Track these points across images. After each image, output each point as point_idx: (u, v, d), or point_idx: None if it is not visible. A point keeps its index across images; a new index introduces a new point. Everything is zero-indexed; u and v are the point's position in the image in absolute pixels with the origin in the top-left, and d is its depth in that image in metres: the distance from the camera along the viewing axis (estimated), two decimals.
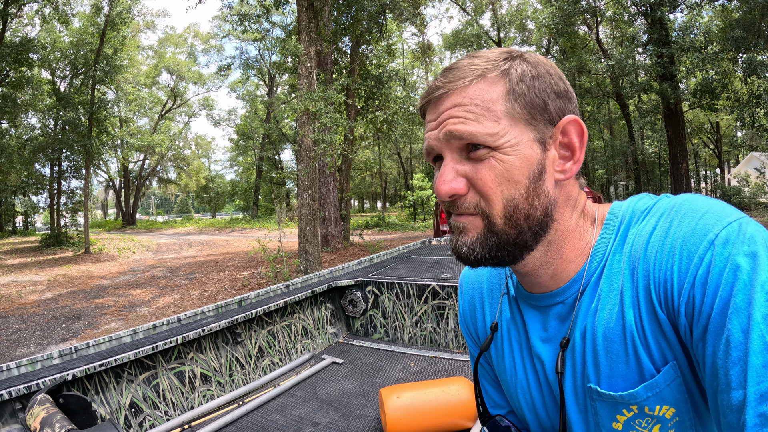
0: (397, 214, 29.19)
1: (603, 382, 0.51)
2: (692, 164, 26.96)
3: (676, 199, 0.51)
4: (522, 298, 0.62)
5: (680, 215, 0.48)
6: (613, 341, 0.50)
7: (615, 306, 0.50)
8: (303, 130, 8.76)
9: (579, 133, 0.51)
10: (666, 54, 13.14)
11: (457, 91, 0.50)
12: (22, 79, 15.81)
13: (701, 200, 0.48)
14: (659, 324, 0.47)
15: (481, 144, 0.49)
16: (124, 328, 4.99)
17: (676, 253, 0.45)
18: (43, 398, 1.46)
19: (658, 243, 0.48)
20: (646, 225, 0.51)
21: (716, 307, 0.41)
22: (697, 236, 0.45)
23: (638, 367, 0.49)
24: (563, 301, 0.55)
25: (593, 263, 0.54)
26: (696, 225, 0.45)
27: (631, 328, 0.48)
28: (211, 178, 44.20)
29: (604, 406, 0.51)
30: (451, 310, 2.88)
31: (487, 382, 0.75)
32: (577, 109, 0.54)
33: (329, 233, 12.92)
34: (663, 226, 0.48)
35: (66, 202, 18.56)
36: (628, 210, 0.55)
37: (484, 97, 0.49)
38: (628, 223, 0.53)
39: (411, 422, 1.82)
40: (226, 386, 2.36)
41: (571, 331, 0.54)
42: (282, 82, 29.43)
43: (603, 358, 0.51)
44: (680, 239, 0.46)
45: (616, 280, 0.51)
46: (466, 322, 0.75)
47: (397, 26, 15.86)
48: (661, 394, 0.48)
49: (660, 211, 0.50)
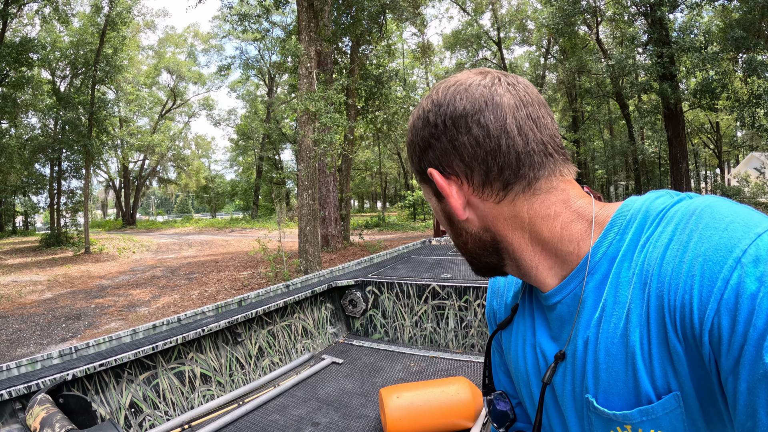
0: (397, 214, 29.20)
1: (600, 396, 0.50)
2: (692, 164, 26.96)
3: (696, 204, 0.45)
4: (534, 294, 0.63)
5: (701, 226, 0.42)
6: (615, 358, 0.47)
7: (620, 321, 0.47)
8: (303, 130, 8.76)
9: (438, 183, 0.55)
10: (666, 54, 13.14)
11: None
12: (22, 79, 15.81)
13: (725, 207, 0.43)
14: (669, 350, 0.43)
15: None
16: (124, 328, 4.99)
17: (696, 273, 0.40)
18: (43, 398, 1.46)
19: (675, 260, 0.42)
20: (662, 234, 0.45)
21: (750, 337, 0.36)
22: (721, 253, 0.39)
23: (636, 389, 0.46)
24: (561, 301, 0.54)
25: (591, 264, 0.51)
26: (719, 239, 0.40)
27: (633, 349, 0.45)
28: (211, 178, 44.20)
29: (598, 420, 0.50)
30: (451, 310, 2.88)
31: (499, 368, 0.75)
32: (444, 142, 0.53)
33: (329, 233, 12.92)
34: (680, 238, 0.43)
35: (66, 202, 18.58)
36: (641, 209, 0.50)
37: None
38: (640, 225, 0.48)
39: (411, 422, 1.82)
40: (226, 386, 2.36)
41: (570, 340, 0.53)
42: (282, 82, 29.44)
43: (603, 372, 0.49)
44: (701, 256, 0.40)
45: (624, 291, 0.47)
46: (493, 309, 0.76)
47: (397, 26, 15.86)
48: (657, 421, 0.46)
49: (677, 218, 0.45)
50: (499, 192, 0.52)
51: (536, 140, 0.51)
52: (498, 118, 0.50)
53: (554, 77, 26.75)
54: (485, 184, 0.52)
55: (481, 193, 0.52)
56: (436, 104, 0.53)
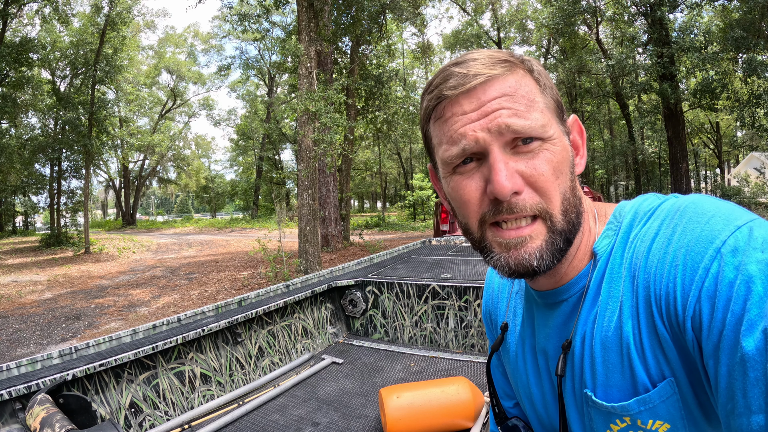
0: (397, 214, 29.21)
1: (598, 390, 0.50)
2: (692, 164, 26.96)
3: (681, 201, 0.48)
4: (530, 296, 0.62)
5: (684, 220, 0.44)
6: (611, 351, 0.48)
7: (614, 314, 0.48)
8: (303, 130, 8.77)
9: (579, 131, 0.54)
10: (666, 54, 13.14)
11: (498, 79, 0.46)
12: (22, 79, 15.81)
13: (708, 202, 0.45)
14: (658, 338, 0.45)
15: (534, 137, 0.46)
16: (124, 328, 4.99)
17: (679, 263, 0.42)
18: (43, 398, 1.46)
19: (660, 251, 0.45)
20: (649, 229, 0.48)
21: (728, 322, 0.38)
22: (702, 244, 0.41)
23: (632, 380, 0.47)
24: (567, 299, 0.55)
25: (597, 263, 0.53)
26: (701, 231, 0.42)
27: (627, 340, 0.47)
28: (211, 178, 44.20)
29: (598, 414, 0.51)
30: (450, 310, 2.88)
31: (500, 374, 0.76)
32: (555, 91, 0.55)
33: (329, 233, 12.92)
34: (666, 231, 0.45)
35: (66, 202, 18.56)
36: (631, 210, 0.53)
37: (525, 89, 0.47)
38: (630, 224, 0.51)
39: (411, 422, 1.82)
40: (226, 386, 2.36)
41: (573, 333, 0.53)
42: (282, 82, 29.43)
43: (600, 366, 0.50)
44: (684, 247, 0.42)
45: (616, 286, 0.49)
46: (489, 311, 0.77)
47: (397, 26, 15.86)
48: (654, 409, 0.46)
49: (663, 214, 0.48)
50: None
51: None
52: None
53: (554, 77, 26.73)
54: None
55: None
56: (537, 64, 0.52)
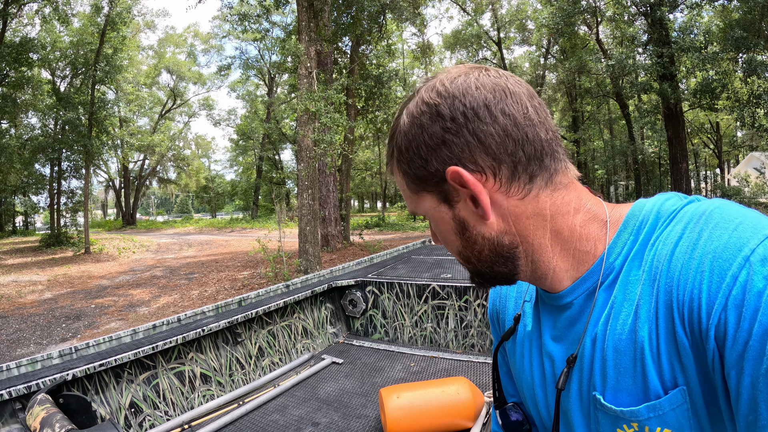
0: (397, 214, 29.20)
1: (608, 393, 0.49)
2: (692, 164, 26.95)
3: (706, 206, 0.46)
4: (539, 295, 0.62)
5: (711, 225, 0.43)
6: (623, 354, 0.48)
7: (629, 318, 0.47)
8: (303, 130, 8.77)
9: (460, 182, 0.48)
10: (666, 54, 13.14)
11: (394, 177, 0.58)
12: (22, 79, 15.82)
13: (735, 209, 0.44)
14: (676, 345, 0.44)
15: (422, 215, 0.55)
16: (124, 328, 4.99)
17: (706, 269, 0.41)
18: (43, 398, 1.46)
19: (685, 256, 0.43)
20: (672, 232, 0.46)
21: (755, 332, 0.37)
22: (730, 251, 0.40)
23: (644, 385, 0.46)
24: (571, 302, 0.54)
25: (606, 264, 0.51)
26: (729, 238, 0.41)
27: (642, 344, 0.46)
28: (211, 178, 44.21)
29: (605, 417, 0.50)
30: (450, 311, 2.88)
31: (504, 372, 0.75)
32: (465, 135, 0.47)
33: (329, 233, 12.92)
34: (690, 236, 0.44)
35: (66, 202, 18.58)
36: (652, 210, 0.50)
37: (401, 183, 0.56)
38: (652, 226, 0.49)
39: (411, 422, 1.82)
40: (226, 386, 2.36)
41: (582, 340, 0.52)
42: (282, 82, 29.44)
43: (611, 369, 0.49)
44: (710, 254, 0.41)
45: (633, 289, 0.48)
46: (496, 309, 0.76)
47: (397, 26, 15.86)
48: (663, 417, 0.46)
49: (687, 217, 0.46)
50: (525, 186, 0.49)
51: (552, 129, 0.50)
52: (521, 106, 0.48)
53: (554, 77, 26.76)
54: (513, 178, 0.48)
55: (508, 188, 0.48)
56: (446, 96, 0.48)
